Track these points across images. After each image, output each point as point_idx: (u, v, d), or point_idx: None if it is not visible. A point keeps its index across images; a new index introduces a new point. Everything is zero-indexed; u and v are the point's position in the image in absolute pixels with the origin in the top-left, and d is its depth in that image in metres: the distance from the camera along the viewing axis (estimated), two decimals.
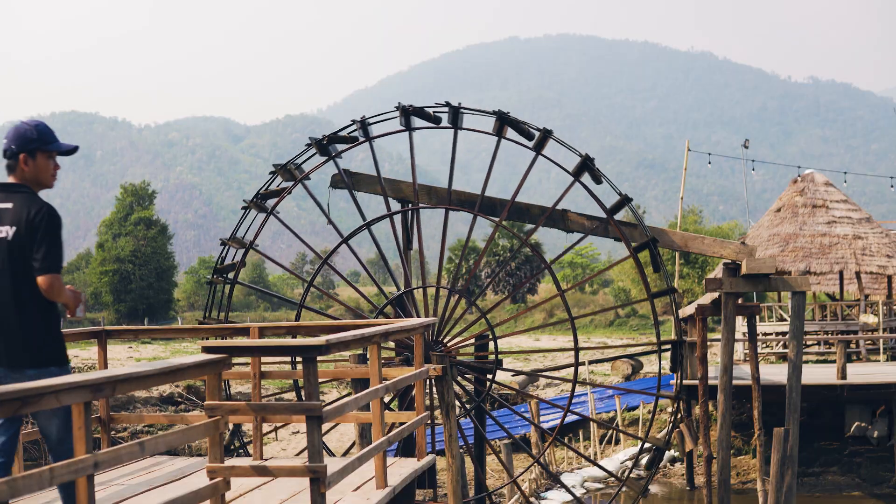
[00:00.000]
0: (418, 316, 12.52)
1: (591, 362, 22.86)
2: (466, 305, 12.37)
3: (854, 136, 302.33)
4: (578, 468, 17.57)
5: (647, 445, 14.24)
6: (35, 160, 4.97)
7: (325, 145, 12.67)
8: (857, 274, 21.79)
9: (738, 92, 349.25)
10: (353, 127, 12.73)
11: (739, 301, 12.66)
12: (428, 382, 11.42)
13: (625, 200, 11.94)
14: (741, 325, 21.26)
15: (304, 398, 8.92)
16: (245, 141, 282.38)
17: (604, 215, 12.26)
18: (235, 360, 8.48)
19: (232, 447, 12.56)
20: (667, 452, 17.22)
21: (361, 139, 12.59)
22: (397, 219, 12.82)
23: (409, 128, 12.48)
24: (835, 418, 17.52)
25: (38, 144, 4.96)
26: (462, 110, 12.17)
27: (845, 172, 31.02)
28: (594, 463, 13.05)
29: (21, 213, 4.82)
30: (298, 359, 6.92)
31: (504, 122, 11.99)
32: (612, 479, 16.66)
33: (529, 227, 13.98)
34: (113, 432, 11.55)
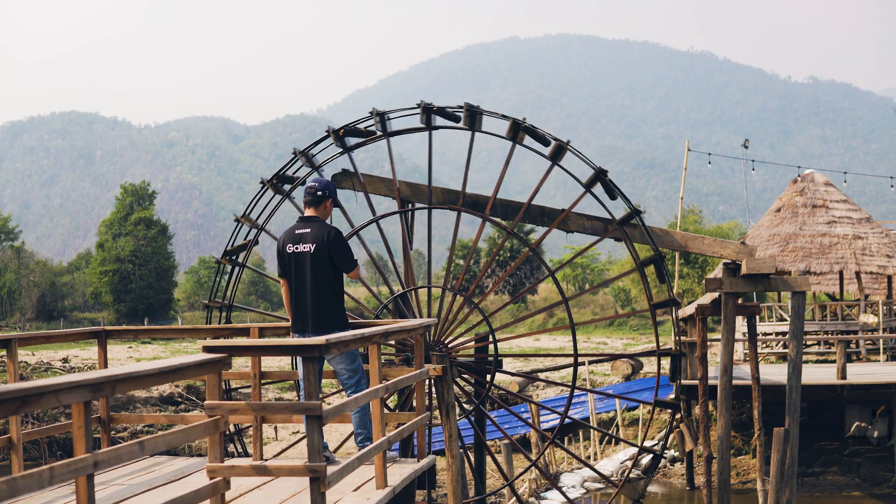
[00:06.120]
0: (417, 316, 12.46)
1: (591, 362, 22.85)
2: (468, 307, 12.24)
3: (854, 136, 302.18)
4: (578, 468, 17.57)
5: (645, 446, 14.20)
6: (330, 205, 7.63)
7: (342, 137, 12.27)
8: (857, 274, 21.78)
9: (738, 92, 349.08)
10: (371, 121, 12.15)
11: (739, 301, 12.65)
12: (427, 382, 11.38)
13: (634, 213, 11.80)
14: (741, 325, 21.25)
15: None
16: (245, 141, 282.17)
17: (605, 215, 12.22)
18: (235, 360, 8.49)
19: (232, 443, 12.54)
20: (667, 452, 17.21)
21: (379, 133, 12.11)
22: (395, 219, 12.67)
23: (429, 126, 12.06)
24: (835, 418, 17.52)
25: (334, 196, 7.65)
26: (481, 113, 11.89)
27: (845, 172, 30.98)
28: (591, 468, 12.92)
29: (318, 235, 7.26)
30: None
31: (518, 128, 11.81)
32: (613, 478, 16.67)
33: (529, 227, 13.93)
34: (113, 432, 11.55)
